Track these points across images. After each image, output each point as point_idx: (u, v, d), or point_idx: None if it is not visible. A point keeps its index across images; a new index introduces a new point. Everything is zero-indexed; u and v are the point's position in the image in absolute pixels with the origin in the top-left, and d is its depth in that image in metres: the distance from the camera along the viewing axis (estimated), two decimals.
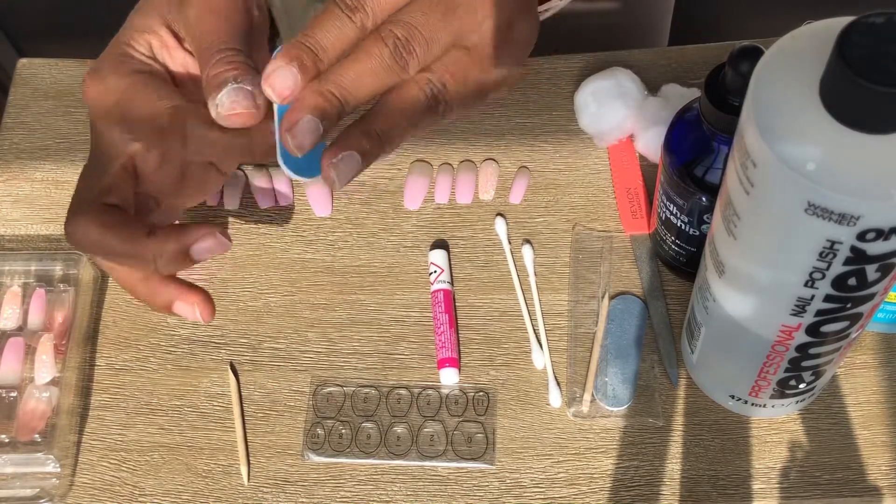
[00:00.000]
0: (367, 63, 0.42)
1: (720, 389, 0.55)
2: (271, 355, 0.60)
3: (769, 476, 0.55)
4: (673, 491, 0.54)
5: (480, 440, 0.56)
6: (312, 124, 0.41)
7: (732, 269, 0.45)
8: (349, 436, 0.57)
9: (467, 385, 0.58)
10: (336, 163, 0.42)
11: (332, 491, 0.56)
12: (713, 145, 0.51)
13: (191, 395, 0.59)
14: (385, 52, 0.42)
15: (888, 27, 0.34)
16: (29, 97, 0.69)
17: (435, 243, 0.63)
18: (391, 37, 0.42)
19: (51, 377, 0.57)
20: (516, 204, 0.63)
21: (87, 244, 0.47)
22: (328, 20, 0.42)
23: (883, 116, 0.35)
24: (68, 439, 0.57)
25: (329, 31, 0.42)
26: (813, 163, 0.36)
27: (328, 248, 0.63)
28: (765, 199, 0.39)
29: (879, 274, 0.40)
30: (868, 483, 0.54)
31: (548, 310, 0.60)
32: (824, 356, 0.48)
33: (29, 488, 0.55)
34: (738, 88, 0.47)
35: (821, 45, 0.36)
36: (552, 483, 0.55)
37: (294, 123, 0.41)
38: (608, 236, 0.62)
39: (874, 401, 0.56)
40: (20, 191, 0.65)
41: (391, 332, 0.60)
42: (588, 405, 0.57)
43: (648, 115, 0.62)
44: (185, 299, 0.48)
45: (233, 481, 0.56)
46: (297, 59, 0.41)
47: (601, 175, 0.64)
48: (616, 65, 0.65)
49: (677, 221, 0.55)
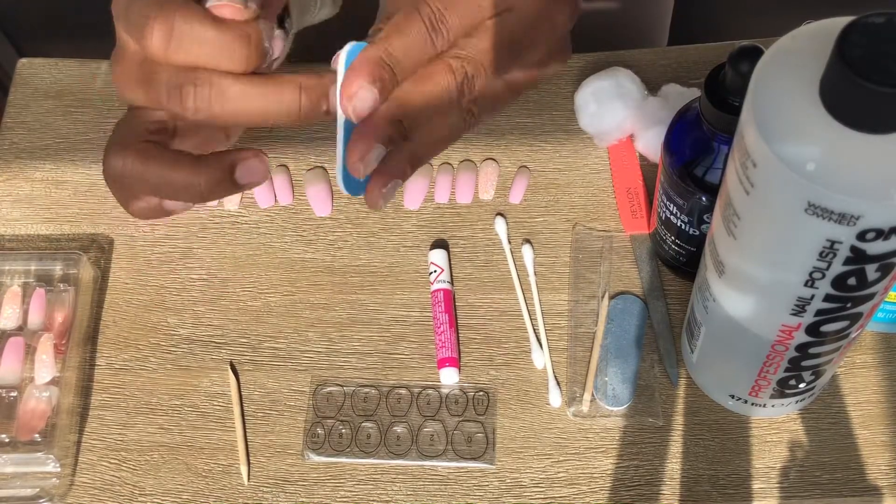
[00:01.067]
0: (435, 92, 0.42)
1: (720, 389, 0.55)
2: (271, 355, 0.60)
3: (769, 476, 0.55)
4: (673, 491, 0.54)
5: (480, 440, 0.56)
6: (382, 152, 0.42)
7: (732, 268, 0.45)
8: (349, 435, 0.57)
9: (467, 385, 0.58)
10: (385, 192, 0.42)
11: (332, 491, 0.56)
12: (713, 145, 0.51)
13: (191, 394, 0.59)
14: (453, 84, 0.43)
15: (888, 27, 0.34)
16: (29, 97, 0.69)
17: (435, 243, 0.63)
18: (461, 72, 0.43)
19: (51, 377, 0.57)
20: (516, 204, 0.64)
21: (130, 175, 0.46)
22: (410, 35, 0.42)
23: (883, 116, 0.35)
24: (68, 439, 0.57)
25: (410, 49, 0.42)
26: (813, 163, 0.36)
27: (328, 247, 0.63)
28: (765, 199, 0.39)
29: (879, 274, 0.40)
30: (868, 483, 0.54)
31: (548, 309, 0.60)
32: (824, 356, 0.48)
33: (29, 488, 0.55)
34: (738, 88, 0.47)
35: (821, 45, 0.36)
36: (552, 483, 0.55)
37: (367, 153, 0.41)
38: (608, 236, 0.62)
39: (874, 401, 0.56)
40: (20, 191, 0.65)
41: (391, 331, 0.60)
42: (588, 405, 0.57)
43: (648, 115, 0.62)
44: (240, 158, 0.46)
45: (233, 481, 0.56)
46: (379, 79, 0.41)
47: (601, 175, 0.64)
48: (616, 65, 0.65)
49: (677, 221, 0.55)
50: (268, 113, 0.43)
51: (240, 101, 0.43)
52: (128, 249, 0.63)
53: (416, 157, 0.43)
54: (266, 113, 0.43)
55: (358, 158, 0.41)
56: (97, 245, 0.63)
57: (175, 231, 0.64)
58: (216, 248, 0.63)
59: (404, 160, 0.43)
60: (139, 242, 0.63)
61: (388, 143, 0.42)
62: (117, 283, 0.62)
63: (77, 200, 0.65)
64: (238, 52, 0.42)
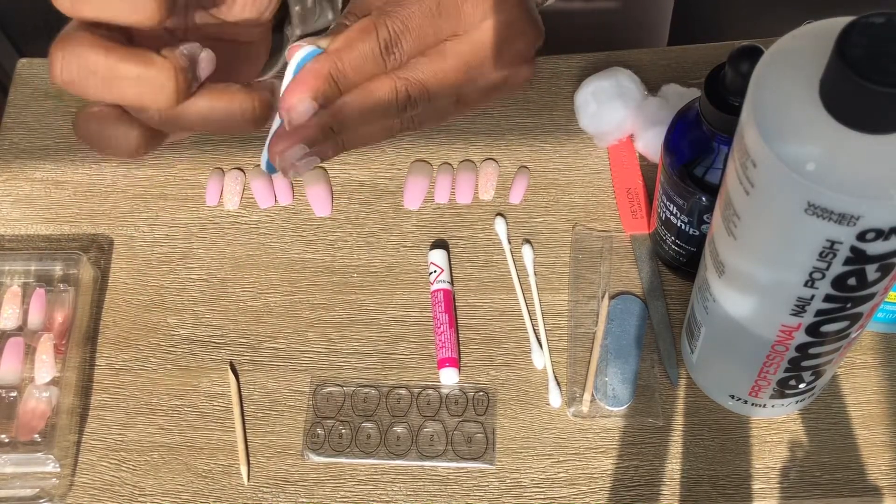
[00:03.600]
0: (373, 107, 0.43)
1: (720, 389, 0.55)
2: (271, 355, 0.60)
3: (769, 476, 0.55)
4: (673, 491, 0.54)
5: (480, 440, 0.56)
6: (300, 152, 0.43)
7: (732, 269, 0.45)
8: (349, 436, 0.57)
9: (467, 385, 0.58)
10: (298, 165, 0.43)
11: (332, 491, 0.56)
12: (713, 145, 0.51)
13: (191, 395, 0.59)
14: (392, 103, 0.43)
15: (888, 27, 0.34)
16: (29, 97, 0.69)
17: (435, 243, 0.63)
18: (404, 93, 0.43)
19: (51, 377, 0.57)
20: (516, 204, 0.63)
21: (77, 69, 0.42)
22: (363, 53, 0.42)
23: (883, 116, 0.35)
24: (68, 439, 0.57)
25: (360, 67, 0.42)
26: (813, 163, 0.36)
27: (328, 248, 0.63)
28: (765, 199, 0.39)
29: (879, 274, 0.40)
30: (868, 483, 0.54)
31: (548, 310, 0.60)
32: (824, 356, 0.48)
33: (29, 488, 0.55)
34: (738, 88, 0.47)
35: (821, 45, 0.36)
36: (552, 483, 0.55)
37: (288, 149, 0.42)
38: (608, 236, 0.62)
39: (874, 401, 0.56)
40: (20, 191, 0.65)
41: (391, 332, 0.60)
42: (588, 405, 0.57)
43: (648, 115, 0.62)
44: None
45: (233, 481, 0.56)
46: (322, 94, 0.41)
47: (601, 175, 0.64)
48: (616, 65, 0.65)
49: (677, 221, 0.55)
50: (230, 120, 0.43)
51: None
52: (128, 249, 0.63)
53: (341, 147, 0.44)
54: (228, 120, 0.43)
55: (278, 152, 0.42)
56: (97, 245, 0.63)
57: (175, 231, 0.64)
58: (216, 248, 0.63)
59: (328, 147, 0.44)
60: (139, 242, 0.63)
61: (312, 144, 0.43)
62: (117, 283, 0.62)
63: (77, 200, 0.65)
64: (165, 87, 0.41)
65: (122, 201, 0.65)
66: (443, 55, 0.44)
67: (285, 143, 0.43)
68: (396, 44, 0.43)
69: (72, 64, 0.40)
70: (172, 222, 0.64)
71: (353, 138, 0.45)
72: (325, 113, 0.43)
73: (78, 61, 0.40)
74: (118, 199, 0.65)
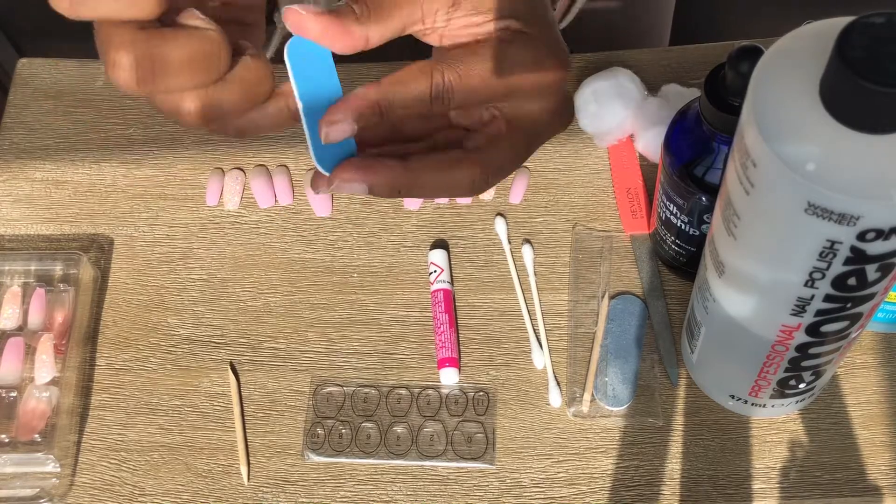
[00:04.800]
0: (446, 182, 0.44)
1: (720, 389, 0.55)
2: (271, 355, 0.60)
3: (769, 476, 0.55)
4: (673, 491, 0.54)
5: (480, 440, 0.56)
6: (361, 190, 0.42)
7: (732, 269, 0.45)
8: (349, 436, 0.57)
9: (467, 385, 0.58)
10: (339, 184, 0.42)
11: (332, 491, 0.56)
12: (713, 145, 0.51)
13: (191, 395, 0.59)
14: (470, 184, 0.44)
15: (888, 27, 0.34)
16: (29, 97, 0.69)
17: (435, 243, 0.63)
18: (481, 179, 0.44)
19: (51, 377, 0.57)
20: (516, 204, 0.63)
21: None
22: (413, 93, 0.42)
23: (883, 116, 0.35)
24: (68, 439, 0.57)
25: (407, 104, 0.42)
26: (813, 163, 0.36)
27: (328, 248, 0.63)
28: (765, 199, 0.39)
29: (879, 274, 0.40)
30: (868, 483, 0.54)
31: (548, 310, 0.60)
32: (824, 356, 0.48)
33: (29, 488, 0.55)
34: (738, 88, 0.47)
35: (821, 45, 0.36)
36: (552, 483, 0.55)
37: (334, 123, 0.41)
38: (608, 236, 0.62)
39: (874, 401, 0.56)
40: (20, 191, 0.65)
41: (391, 331, 0.60)
42: (588, 405, 0.57)
43: (648, 115, 0.62)
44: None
45: (233, 481, 0.56)
46: (365, 119, 0.41)
47: (601, 175, 0.64)
48: (616, 65, 0.65)
49: (677, 221, 0.55)
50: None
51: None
52: (128, 249, 0.63)
53: (400, 186, 0.43)
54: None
55: (325, 122, 0.41)
56: (97, 245, 0.63)
57: (175, 231, 0.64)
58: (216, 248, 0.63)
59: (386, 183, 0.43)
60: (139, 242, 0.63)
61: (358, 119, 0.42)
62: (117, 283, 0.62)
63: (77, 200, 0.65)
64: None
65: (122, 201, 0.65)
66: (505, 143, 0.46)
67: (330, 116, 0.42)
68: (448, 94, 0.43)
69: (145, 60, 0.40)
70: (172, 222, 0.64)
71: (419, 183, 0.45)
72: (400, 170, 0.43)
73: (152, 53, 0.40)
74: (118, 199, 0.65)
